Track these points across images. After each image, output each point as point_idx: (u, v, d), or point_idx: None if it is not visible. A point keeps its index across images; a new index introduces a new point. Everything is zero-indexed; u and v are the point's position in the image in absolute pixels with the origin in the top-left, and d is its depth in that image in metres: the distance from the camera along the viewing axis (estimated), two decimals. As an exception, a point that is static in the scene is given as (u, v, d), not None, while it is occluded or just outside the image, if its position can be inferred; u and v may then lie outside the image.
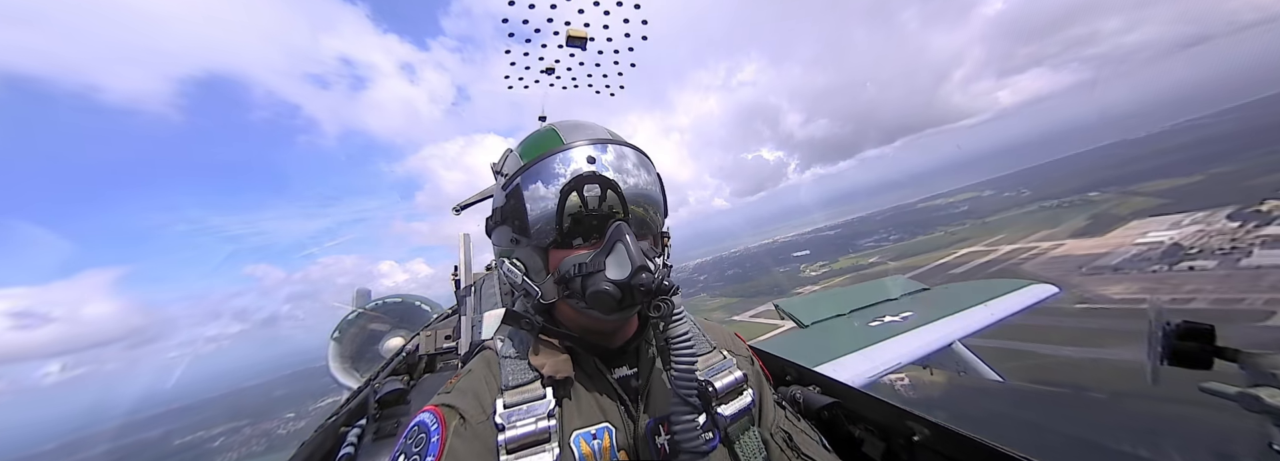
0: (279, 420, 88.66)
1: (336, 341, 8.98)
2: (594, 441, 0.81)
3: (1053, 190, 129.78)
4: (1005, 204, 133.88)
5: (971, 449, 1.05)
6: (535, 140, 0.90)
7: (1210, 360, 0.93)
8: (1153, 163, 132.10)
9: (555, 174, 0.80)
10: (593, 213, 0.80)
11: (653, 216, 0.88)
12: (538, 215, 0.81)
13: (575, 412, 0.83)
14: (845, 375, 6.04)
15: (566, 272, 0.80)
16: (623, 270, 0.76)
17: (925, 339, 7.38)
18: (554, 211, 0.79)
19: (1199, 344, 0.94)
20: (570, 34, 2.96)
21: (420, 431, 0.77)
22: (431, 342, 3.73)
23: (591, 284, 0.77)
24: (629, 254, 0.76)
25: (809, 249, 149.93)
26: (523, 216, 0.81)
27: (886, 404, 1.29)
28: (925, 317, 8.03)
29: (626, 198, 0.82)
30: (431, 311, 8.97)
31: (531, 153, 0.86)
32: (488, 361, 0.90)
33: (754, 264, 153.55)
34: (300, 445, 2.10)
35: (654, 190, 0.88)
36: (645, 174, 0.86)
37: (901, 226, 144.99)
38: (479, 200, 3.97)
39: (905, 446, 1.21)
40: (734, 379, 0.92)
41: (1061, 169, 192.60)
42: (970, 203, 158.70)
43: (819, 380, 1.57)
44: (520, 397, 0.79)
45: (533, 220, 0.81)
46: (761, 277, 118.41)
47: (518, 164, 0.86)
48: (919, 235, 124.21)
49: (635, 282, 0.75)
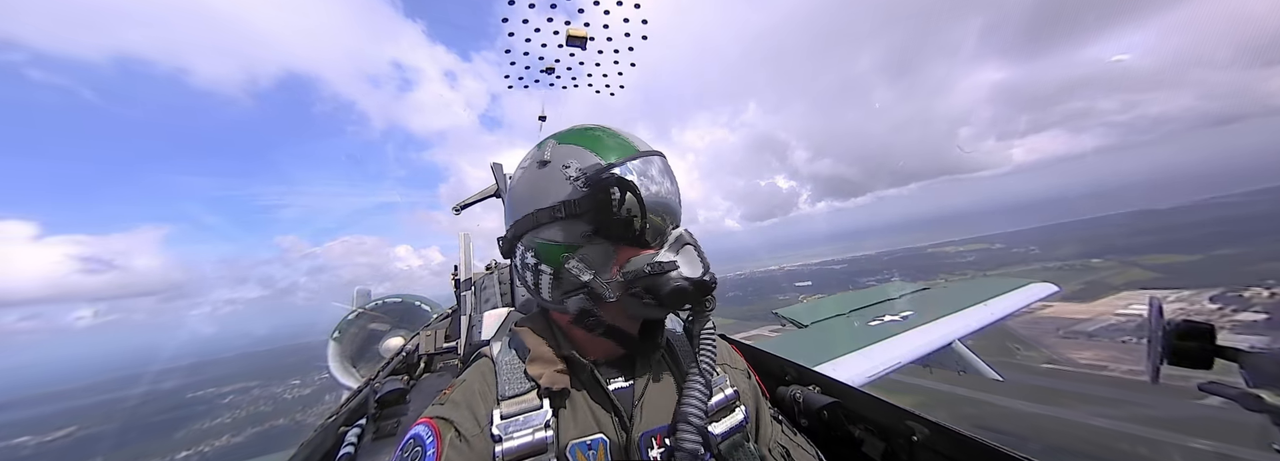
0: (285, 385, 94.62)
1: (336, 341, 8.98)
2: (589, 452, 0.81)
3: (1061, 252, 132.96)
4: (1011, 259, 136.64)
5: (971, 449, 1.05)
6: (603, 138, 0.89)
7: (1210, 360, 0.93)
8: (1165, 236, 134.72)
9: (645, 173, 0.86)
10: (653, 212, 0.86)
11: (678, 221, 0.95)
12: (626, 211, 0.82)
13: (571, 423, 0.83)
14: (845, 375, 6.03)
15: (639, 270, 0.81)
16: (696, 269, 0.85)
17: (925, 338, 7.39)
18: (638, 210, 0.83)
19: (1199, 344, 0.94)
20: (570, 34, 2.95)
21: (416, 445, 0.77)
22: (431, 342, 3.72)
23: (668, 281, 0.80)
24: (701, 255, 0.87)
25: (811, 280, 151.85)
26: (608, 211, 0.81)
27: (886, 404, 1.29)
28: (925, 317, 8.04)
29: (679, 210, 0.93)
30: (431, 311, 8.97)
31: (608, 152, 0.85)
32: (483, 371, 0.90)
33: (756, 288, 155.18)
34: (300, 445, 2.10)
35: (679, 200, 0.95)
36: (675, 184, 0.95)
37: (906, 269, 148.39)
38: (479, 200, 3.97)
39: (905, 446, 1.21)
40: (726, 396, 0.94)
41: (1077, 231, 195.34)
42: (978, 254, 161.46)
43: (819, 380, 1.57)
44: (517, 408, 0.79)
45: (620, 215, 0.82)
46: (760, 302, 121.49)
47: (595, 160, 0.84)
48: (919, 280, 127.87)
49: (709, 280, 0.84)
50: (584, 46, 3.02)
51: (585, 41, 2.99)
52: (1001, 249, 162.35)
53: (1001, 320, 8.33)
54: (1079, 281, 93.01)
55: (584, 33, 2.95)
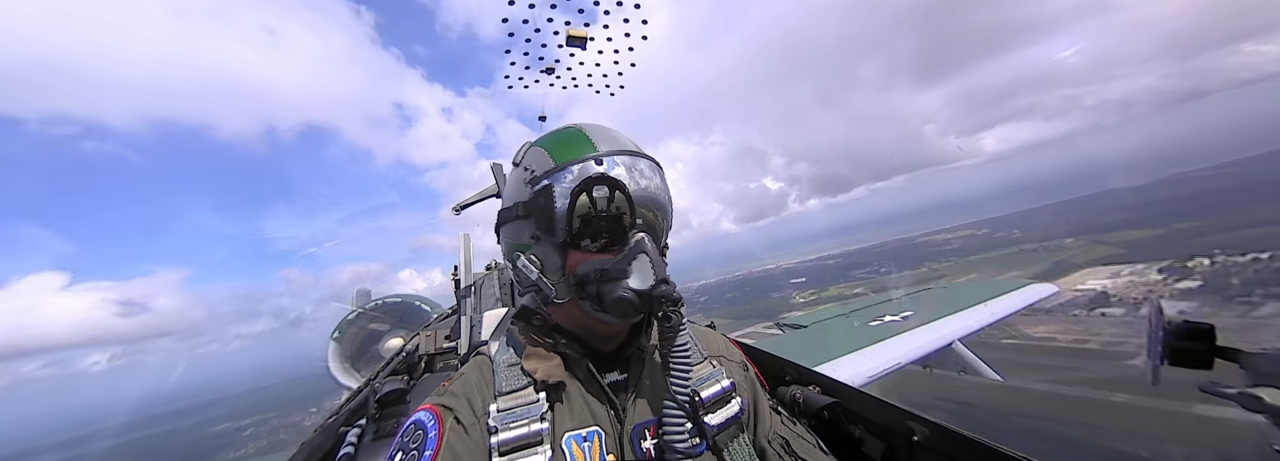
0: (304, 414, 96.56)
1: (336, 341, 8.98)
2: (585, 443, 0.82)
3: (1040, 233, 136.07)
4: (994, 244, 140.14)
5: (971, 449, 1.05)
6: (567, 140, 0.89)
7: (1210, 360, 0.92)
8: (1134, 213, 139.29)
9: (590, 176, 0.82)
10: (606, 215, 0.82)
11: (660, 222, 0.91)
12: (562, 214, 0.81)
13: (567, 415, 0.84)
14: (845, 375, 6.03)
15: (586, 275, 0.81)
16: (645, 280, 0.81)
17: (925, 338, 7.38)
18: (585, 210, 0.81)
19: (1199, 344, 0.93)
20: (570, 34, 2.96)
21: (417, 429, 0.78)
22: (431, 342, 3.72)
23: (613, 290, 0.79)
24: (652, 265, 0.81)
25: (805, 277, 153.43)
26: (550, 214, 0.82)
27: (886, 404, 1.29)
28: (925, 317, 8.03)
29: (655, 212, 0.88)
30: (431, 311, 8.96)
31: (565, 154, 0.85)
32: (480, 367, 0.91)
33: (753, 288, 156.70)
34: (300, 445, 2.10)
35: (666, 200, 0.91)
36: (661, 183, 0.90)
37: (896, 259, 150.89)
38: (479, 200, 3.98)
39: (905, 446, 1.21)
40: (721, 388, 0.93)
41: (1058, 212, 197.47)
42: (964, 240, 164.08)
43: (819, 380, 1.57)
44: (513, 403, 0.80)
45: (558, 218, 0.81)
46: (757, 301, 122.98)
47: (549, 163, 0.84)
48: (907, 269, 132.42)
49: (656, 293, 0.80)
50: (584, 46, 3.03)
51: (585, 42, 3.00)
52: (986, 234, 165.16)
53: (1001, 320, 8.32)
54: (1049, 261, 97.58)
55: (584, 33, 2.97)
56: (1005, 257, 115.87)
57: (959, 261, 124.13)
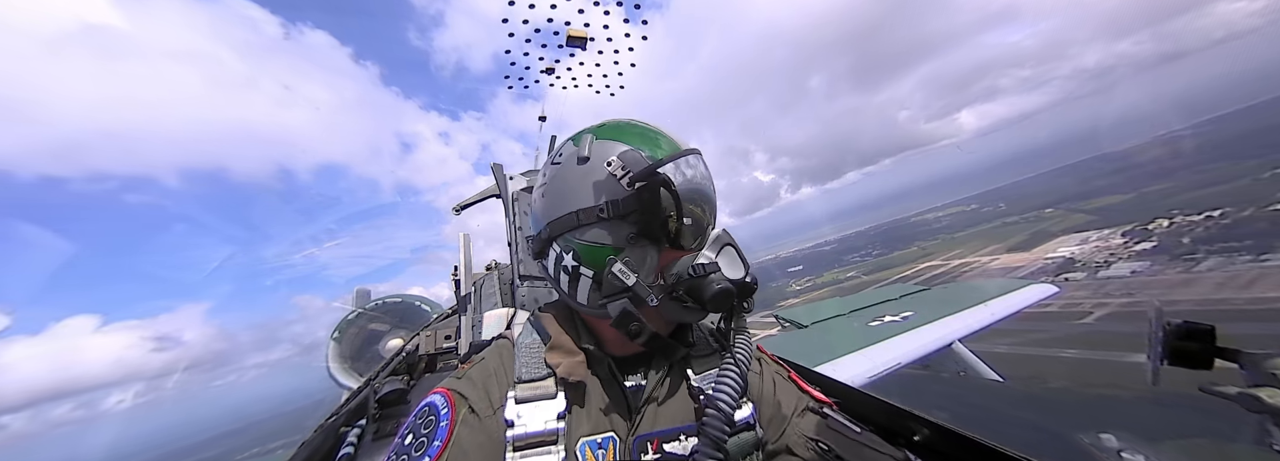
0: None
1: (336, 341, 8.97)
2: (599, 451, 0.80)
3: (1023, 205, 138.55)
4: (980, 219, 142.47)
5: (971, 449, 1.05)
6: (642, 135, 0.85)
7: (1210, 360, 0.93)
8: (1111, 179, 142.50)
9: (692, 174, 0.84)
10: (701, 217, 0.86)
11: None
12: (671, 213, 0.80)
13: (583, 418, 0.82)
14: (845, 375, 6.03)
15: (680, 274, 0.79)
16: (738, 270, 0.82)
17: (925, 339, 7.37)
18: (691, 207, 0.83)
19: (1199, 344, 0.93)
20: (570, 34, 2.96)
21: (430, 412, 0.77)
22: (431, 342, 3.73)
23: (711, 284, 0.77)
24: (741, 255, 0.84)
25: (802, 264, 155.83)
26: (657, 213, 0.79)
27: (886, 404, 1.29)
28: (925, 317, 8.01)
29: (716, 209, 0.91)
30: (431, 311, 8.96)
31: (654, 149, 0.83)
32: (501, 352, 0.89)
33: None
34: (300, 445, 2.10)
35: None
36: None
37: (889, 241, 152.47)
38: (479, 200, 3.98)
39: (905, 446, 1.21)
40: (749, 415, 0.89)
41: (1043, 183, 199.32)
42: (952, 217, 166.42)
43: (819, 380, 1.57)
44: (532, 393, 0.79)
45: (669, 218, 0.80)
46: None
47: (642, 160, 0.80)
48: (897, 250, 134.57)
49: (749, 282, 0.82)
50: (584, 47, 3.03)
51: (585, 42, 3.00)
52: (975, 209, 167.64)
53: (1002, 320, 8.31)
54: (1027, 232, 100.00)
55: (584, 33, 2.96)
56: (991, 231, 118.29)
57: (946, 239, 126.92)
